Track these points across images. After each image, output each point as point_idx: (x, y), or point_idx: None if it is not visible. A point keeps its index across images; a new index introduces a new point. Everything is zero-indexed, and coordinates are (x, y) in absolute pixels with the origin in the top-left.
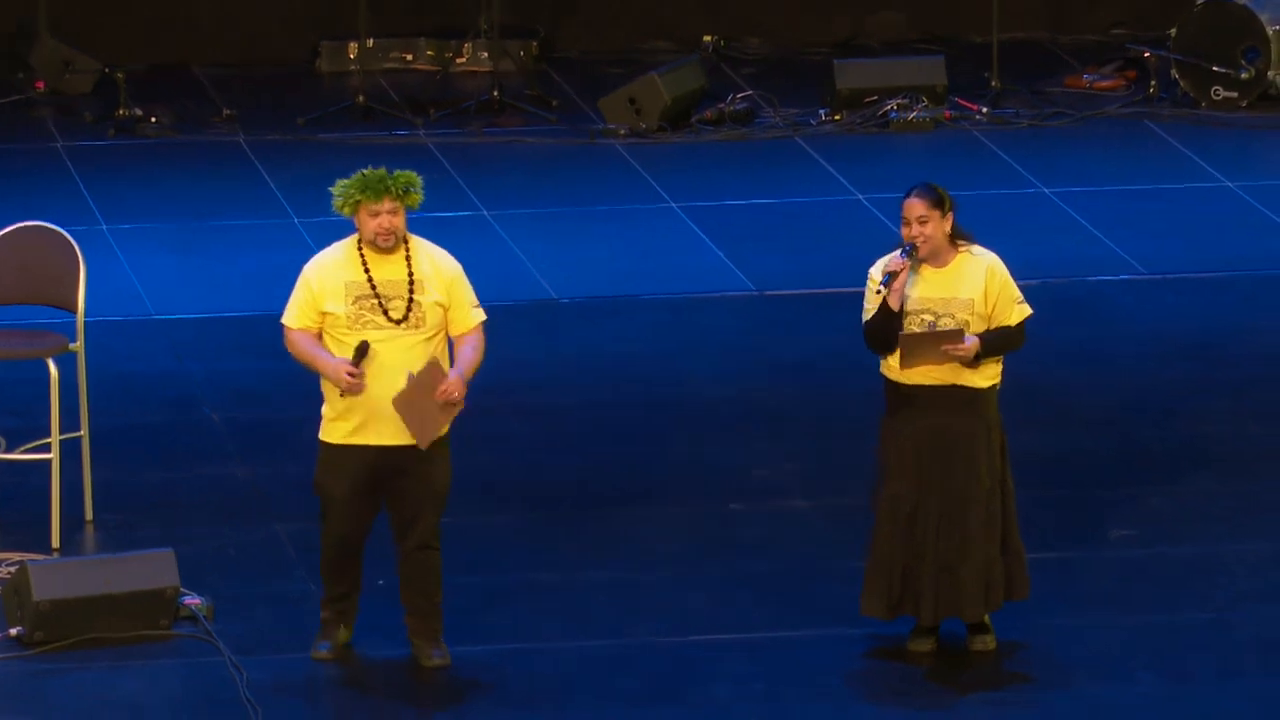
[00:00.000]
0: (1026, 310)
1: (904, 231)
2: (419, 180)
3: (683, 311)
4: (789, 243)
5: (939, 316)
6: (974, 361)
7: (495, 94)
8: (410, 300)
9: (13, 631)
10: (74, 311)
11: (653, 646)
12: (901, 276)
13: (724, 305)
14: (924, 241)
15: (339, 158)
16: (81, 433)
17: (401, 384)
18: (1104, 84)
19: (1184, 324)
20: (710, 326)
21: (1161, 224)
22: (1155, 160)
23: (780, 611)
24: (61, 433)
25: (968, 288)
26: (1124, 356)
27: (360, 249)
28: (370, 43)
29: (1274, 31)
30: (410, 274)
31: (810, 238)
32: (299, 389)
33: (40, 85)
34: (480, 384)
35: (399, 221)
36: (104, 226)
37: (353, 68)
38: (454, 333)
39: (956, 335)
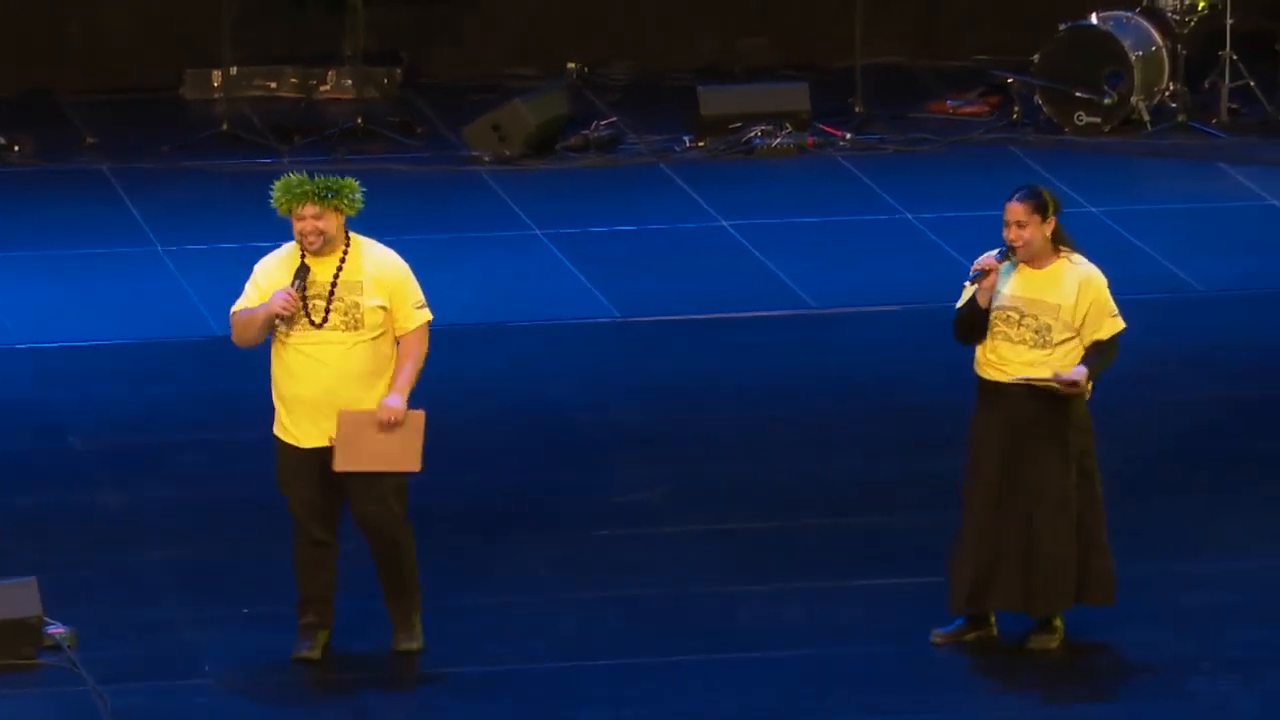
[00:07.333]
0: (1119, 324)
1: (1004, 233)
2: (348, 186)
3: (548, 338)
4: (654, 269)
5: (1023, 316)
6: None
7: (359, 121)
8: (330, 303)
9: None
10: None
11: (524, 672)
12: (992, 276)
13: (589, 331)
14: (1022, 245)
15: (203, 185)
16: None
17: (330, 383)
18: (967, 109)
19: None
20: (576, 352)
21: None
22: (1019, 185)
23: (651, 636)
24: None
25: (1058, 294)
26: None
27: (302, 250)
28: (234, 70)
29: (1136, 57)
30: (336, 277)
31: (675, 264)
32: (167, 416)
33: None
34: None
35: (324, 225)
36: None
37: (217, 95)
38: (397, 334)
39: (1069, 382)
